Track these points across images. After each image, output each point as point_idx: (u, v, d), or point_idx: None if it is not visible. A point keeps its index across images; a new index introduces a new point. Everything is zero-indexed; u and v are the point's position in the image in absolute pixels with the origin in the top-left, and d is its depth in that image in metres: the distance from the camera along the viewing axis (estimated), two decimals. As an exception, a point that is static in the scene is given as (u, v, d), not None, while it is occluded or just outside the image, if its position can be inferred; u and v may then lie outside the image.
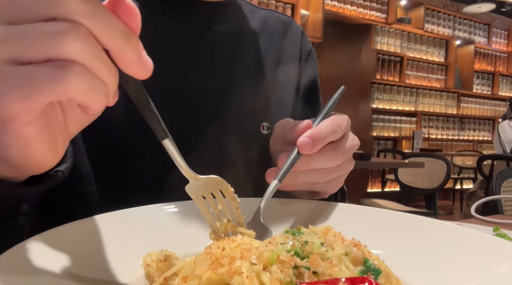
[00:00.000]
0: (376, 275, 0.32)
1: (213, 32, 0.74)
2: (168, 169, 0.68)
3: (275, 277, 0.29)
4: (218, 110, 0.72)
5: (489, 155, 3.98)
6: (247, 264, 0.31)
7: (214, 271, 0.31)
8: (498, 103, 7.63)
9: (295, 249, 0.32)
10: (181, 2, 0.72)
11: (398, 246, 0.46)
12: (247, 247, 0.34)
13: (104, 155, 0.65)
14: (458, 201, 6.40)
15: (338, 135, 0.52)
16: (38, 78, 0.28)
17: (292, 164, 0.50)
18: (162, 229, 0.49)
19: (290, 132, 0.54)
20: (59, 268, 0.36)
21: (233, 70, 0.75)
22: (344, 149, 0.53)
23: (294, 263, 0.30)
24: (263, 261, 0.31)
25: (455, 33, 7.02)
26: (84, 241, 0.42)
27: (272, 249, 0.32)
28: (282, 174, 0.49)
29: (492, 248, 0.41)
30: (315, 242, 0.33)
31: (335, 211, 0.55)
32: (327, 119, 0.53)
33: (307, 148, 0.49)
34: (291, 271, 0.30)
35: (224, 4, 0.76)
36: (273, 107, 0.79)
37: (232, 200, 0.45)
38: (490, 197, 1.59)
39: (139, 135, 0.65)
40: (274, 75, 0.81)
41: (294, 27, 0.88)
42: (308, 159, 0.51)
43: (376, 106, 6.19)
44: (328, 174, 0.54)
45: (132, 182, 0.66)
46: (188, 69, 0.71)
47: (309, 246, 0.33)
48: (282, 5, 4.58)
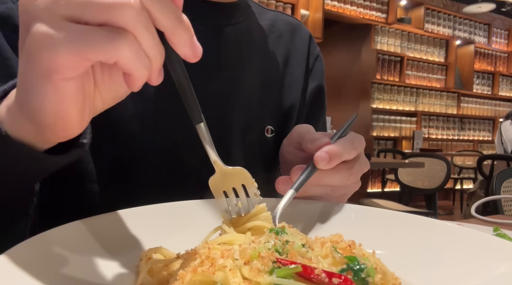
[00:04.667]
0: (357, 272, 0.32)
1: (223, 34, 0.73)
2: (171, 169, 0.69)
3: (255, 268, 0.31)
4: (224, 112, 0.71)
5: (489, 155, 3.98)
6: (230, 260, 0.33)
7: (194, 272, 0.32)
8: (498, 103, 7.63)
9: (276, 247, 0.34)
10: (195, 3, 0.71)
11: (398, 246, 0.46)
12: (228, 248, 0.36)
13: (107, 154, 0.65)
14: (458, 201, 6.40)
15: (353, 155, 0.53)
16: (92, 37, 0.30)
17: (308, 177, 0.51)
18: (162, 229, 0.49)
19: (307, 143, 0.54)
20: (59, 268, 0.36)
21: (240, 72, 0.74)
22: (357, 170, 0.54)
23: (274, 258, 0.32)
24: (245, 258, 0.32)
25: (455, 33, 7.02)
26: (84, 241, 0.42)
27: (254, 246, 0.34)
28: (298, 184, 0.50)
29: (492, 248, 0.41)
30: (296, 242, 0.35)
31: (335, 211, 0.55)
32: (345, 138, 0.54)
33: (323, 162, 0.50)
34: (270, 263, 0.31)
35: (235, 5, 0.75)
36: (278, 111, 0.79)
37: (254, 195, 0.46)
38: (490, 197, 1.59)
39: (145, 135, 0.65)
40: (281, 79, 0.80)
41: (302, 31, 0.87)
42: (322, 174, 0.52)
43: (376, 106, 6.19)
44: (335, 191, 0.56)
45: (135, 181, 0.66)
46: (196, 70, 0.71)
47: (289, 245, 0.34)
48: (282, 5, 4.58)
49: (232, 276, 0.31)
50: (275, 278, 0.30)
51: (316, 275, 0.30)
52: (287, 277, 0.30)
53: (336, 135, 0.55)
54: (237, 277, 0.31)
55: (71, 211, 0.49)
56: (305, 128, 0.59)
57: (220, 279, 0.31)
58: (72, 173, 0.64)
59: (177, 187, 0.66)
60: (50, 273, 0.35)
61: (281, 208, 0.49)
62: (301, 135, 0.58)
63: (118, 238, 0.45)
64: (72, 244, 0.40)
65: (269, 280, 0.30)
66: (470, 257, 0.41)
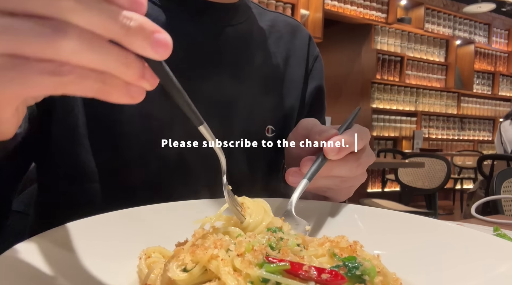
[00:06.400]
0: (352, 269, 0.32)
1: (224, 35, 0.74)
2: (172, 169, 0.69)
3: (246, 259, 0.32)
4: (225, 112, 0.72)
5: (489, 155, 3.97)
6: (223, 251, 0.34)
7: (192, 253, 0.34)
8: (498, 103, 7.62)
9: (270, 242, 0.35)
10: (195, 4, 0.71)
11: (398, 246, 0.46)
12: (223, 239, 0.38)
13: (107, 154, 0.65)
14: (458, 201, 6.40)
15: (360, 146, 0.54)
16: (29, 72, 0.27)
17: (319, 167, 0.52)
18: (161, 229, 0.49)
19: (315, 135, 0.55)
20: (59, 268, 0.36)
21: (241, 72, 0.75)
22: (364, 161, 0.56)
23: (265, 252, 0.33)
24: (240, 250, 0.34)
25: (455, 33, 7.01)
26: (84, 241, 0.42)
27: (249, 240, 0.35)
28: (311, 174, 0.52)
29: (492, 248, 0.41)
30: (290, 240, 0.36)
31: (336, 211, 0.55)
32: (351, 129, 0.55)
33: (333, 153, 0.51)
34: (261, 256, 0.32)
35: (236, 6, 0.76)
36: (279, 111, 0.79)
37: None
38: (490, 197, 1.59)
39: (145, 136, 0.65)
40: (281, 79, 0.81)
41: (302, 32, 0.88)
42: (331, 166, 0.53)
43: (376, 106, 6.19)
44: (344, 182, 0.57)
45: (136, 181, 0.66)
46: (197, 71, 0.71)
47: (283, 242, 0.35)
48: (282, 4, 4.58)
49: (223, 265, 0.32)
50: (263, 272, 0.31)
51: (304, 271, 0.30)
52: (275, 273, 0.31)
53: (342, 128, 0.56)
54: (228, 267, 0.32)
55: (71, 210, 0.49)
56: (311, 122, 0.60)
57: (213, 267, 0.33)
58: (73, 172, 0.64)
59: (178, 186, 0.66)
60: (50, 273, 0.35)
61: (296, 198, 0.50)
62: (308, 128, 0.58)
63: (118, 237, 0.45)
64: (72, 244, 0.40)
65: (258, 273, 0.31)
66: (470, 257, 0.41)
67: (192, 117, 0.38)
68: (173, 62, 0.73)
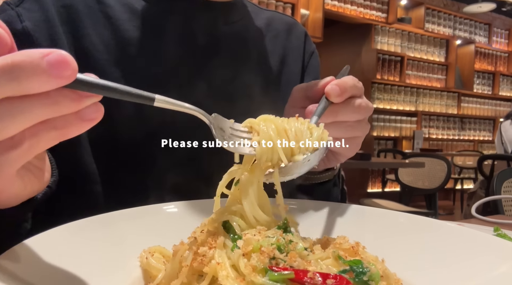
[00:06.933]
0: (359, 274, 0.32)
1: (220, 33, 0.74)
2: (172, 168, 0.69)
3: (251, 263, 0.32)
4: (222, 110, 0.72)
5: (490, 155, 3.97)
6: (219, 251, 0.34)
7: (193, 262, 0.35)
8: (498, 103, 7.62)
9: (279, 244, 0.34)
10: (192, 3, 0.71)
11: (398, 246, 0.46)
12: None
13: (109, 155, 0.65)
14: (458, 201, 6.40)
15: (359, 90, 0.55)
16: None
17: (324, 109, 0.51)
18: (162, 229, 0.49)
19: (313, 88, 0.55)
20: (59, 268, 0.36)
21: (238, 70, 0.75)
22: (365, 102, 0.55)
23: (273, 254, 0.33)
24: (247, 249, 0.33)
25: (456, 33, 7.01)
26: (84, 241, 0.42)
27: (258, 239, 0.34)
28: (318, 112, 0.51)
29: (492, 248, 0.41)
30: (299, 244, 0.36)
31: (336, 211, 0.55)
32: (348, 76, 0.55)
33: (335, 94, 0.51)
34: (267, 260, 0.32)
35: (231, 5, 0.76)
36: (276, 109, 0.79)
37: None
38: (490, 197, 1.58)
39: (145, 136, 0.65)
40: (278, 76, 0.81)
41: (298, 29, 0.88)
42: (335, 110, 0.52)
43: (377, 106, 6.18)
44: (350, 128, 0.56)
45: (136, 181, 0.66)
46: (194, 69, 0.71)
47: (292, 245, 0.35)
48: (282, 4, 4.58)
49: (220, 269, 0.32)
50: (267, 280, 0.30)
51: (309, 279, 0.30)
52: (279, 281, 0.30)
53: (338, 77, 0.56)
54: (225, 270, 0.32)
55: (73, 211, 0.49)
56: (303, 84, 0.60)
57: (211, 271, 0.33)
58: (75, 173, 0.64)
59: (179, 186, 0.66)
60: (50, 272, 0.35)
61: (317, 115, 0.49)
62: (303, 88, 0.59)
63: (118, 237, 0.45)
64: (73, 244, 0.40)
65: (261, 281, 0.30)
66: (471, 257, 0.41)
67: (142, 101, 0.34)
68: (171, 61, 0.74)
